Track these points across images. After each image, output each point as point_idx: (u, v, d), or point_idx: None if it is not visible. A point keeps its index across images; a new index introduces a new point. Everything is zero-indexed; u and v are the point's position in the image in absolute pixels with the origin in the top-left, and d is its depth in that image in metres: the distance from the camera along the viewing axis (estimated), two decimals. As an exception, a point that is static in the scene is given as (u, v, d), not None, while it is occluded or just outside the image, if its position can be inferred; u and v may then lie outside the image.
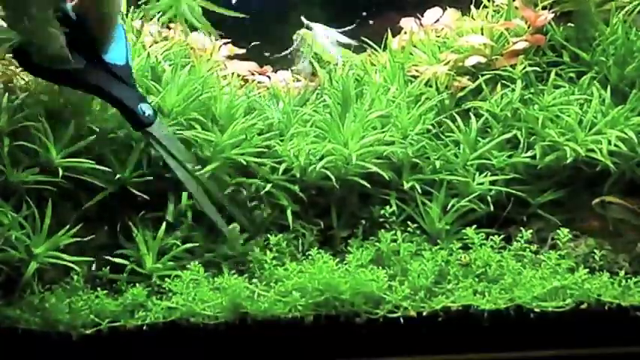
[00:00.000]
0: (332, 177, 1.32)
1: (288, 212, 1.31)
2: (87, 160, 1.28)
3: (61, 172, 1.25)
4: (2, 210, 1.21)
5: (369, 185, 1.33)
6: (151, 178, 1.31)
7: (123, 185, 1.30)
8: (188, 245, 1.28)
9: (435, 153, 1.38)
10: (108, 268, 1.25)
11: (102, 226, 1.30)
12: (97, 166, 1.28)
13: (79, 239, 1.23)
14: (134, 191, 1.28)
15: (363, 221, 1.34)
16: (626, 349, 1.19)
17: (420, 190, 1.34)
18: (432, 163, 1.37)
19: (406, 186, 1.35)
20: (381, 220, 1.33)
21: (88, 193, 1.28)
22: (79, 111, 1.35)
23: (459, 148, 1.40)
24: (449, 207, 1.33)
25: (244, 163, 1.33)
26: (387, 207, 1.33)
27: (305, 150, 1.34)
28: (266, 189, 1.32)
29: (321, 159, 1.33)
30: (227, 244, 1.29)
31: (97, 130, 1.32)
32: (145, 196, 1.28)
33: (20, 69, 1.36)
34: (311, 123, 1.42)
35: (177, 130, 1.35)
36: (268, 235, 1.29)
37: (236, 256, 1.29)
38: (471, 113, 1.43)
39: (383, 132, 1.38)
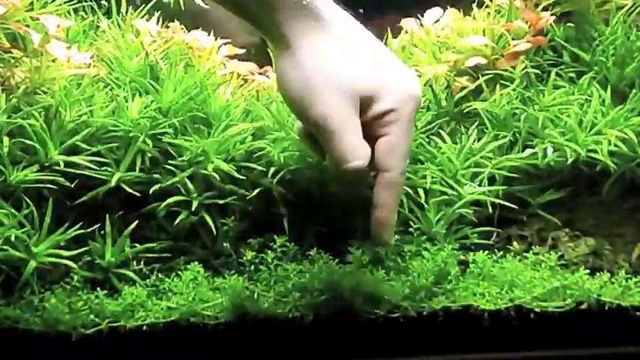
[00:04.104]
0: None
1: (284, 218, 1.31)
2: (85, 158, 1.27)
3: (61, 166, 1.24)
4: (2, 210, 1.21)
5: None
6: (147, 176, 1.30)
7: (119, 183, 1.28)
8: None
9: (430, 155, 1.38)
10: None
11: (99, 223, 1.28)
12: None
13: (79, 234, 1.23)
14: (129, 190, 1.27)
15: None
16: (626, 349, 1.19)
17: (416, 193, 1.34)
18: (427, 168, 1.37)
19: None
20: (381, 220, 1.32)
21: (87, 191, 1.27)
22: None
23: (457, 149, 1.40)
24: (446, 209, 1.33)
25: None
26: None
27: (301, 152, 1.33)
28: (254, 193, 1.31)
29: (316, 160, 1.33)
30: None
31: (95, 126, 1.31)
32: (136, 193, 1.27)
33: (18, 68, 1.35)
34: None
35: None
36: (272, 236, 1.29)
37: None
38: (470, 114, 1.43)
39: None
